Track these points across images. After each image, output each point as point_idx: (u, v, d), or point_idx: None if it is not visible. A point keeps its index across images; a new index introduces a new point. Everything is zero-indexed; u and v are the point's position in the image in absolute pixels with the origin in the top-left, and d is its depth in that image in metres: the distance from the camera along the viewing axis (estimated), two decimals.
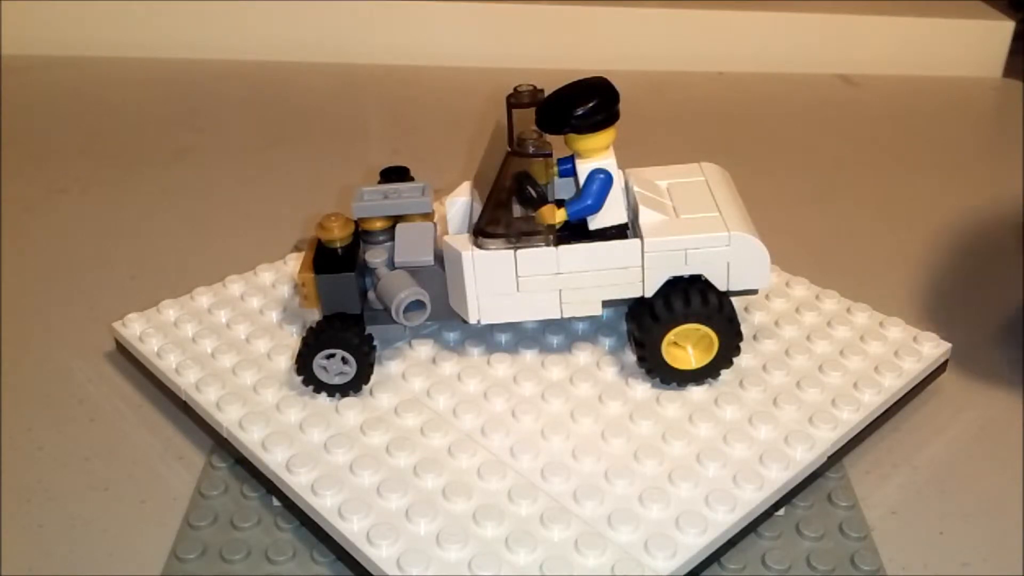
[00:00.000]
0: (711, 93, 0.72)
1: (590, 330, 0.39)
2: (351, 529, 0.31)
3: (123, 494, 0.35)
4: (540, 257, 0.35)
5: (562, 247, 0.35)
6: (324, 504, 0.32)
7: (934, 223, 0.53)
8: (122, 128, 0.64)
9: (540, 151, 0.35)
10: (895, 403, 0.37)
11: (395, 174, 0.39)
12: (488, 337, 0.39)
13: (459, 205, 0.38)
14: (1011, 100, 0.70)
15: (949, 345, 0.39)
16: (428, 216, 0.38)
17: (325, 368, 0.36)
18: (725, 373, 0.37)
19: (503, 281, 0.35)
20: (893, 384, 0.37)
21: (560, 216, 0.35)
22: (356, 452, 0.34)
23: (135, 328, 0.40)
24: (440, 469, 0.33)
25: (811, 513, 0.34)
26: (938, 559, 0.33)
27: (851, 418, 0.35)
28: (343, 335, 0.35)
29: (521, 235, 0.35)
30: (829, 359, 0.38)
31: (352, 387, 0.36)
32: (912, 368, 0.38)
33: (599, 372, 0.37)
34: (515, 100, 0.36)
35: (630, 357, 0.38)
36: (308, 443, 0.34)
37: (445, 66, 0.73)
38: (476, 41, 0.73)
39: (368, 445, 0.34)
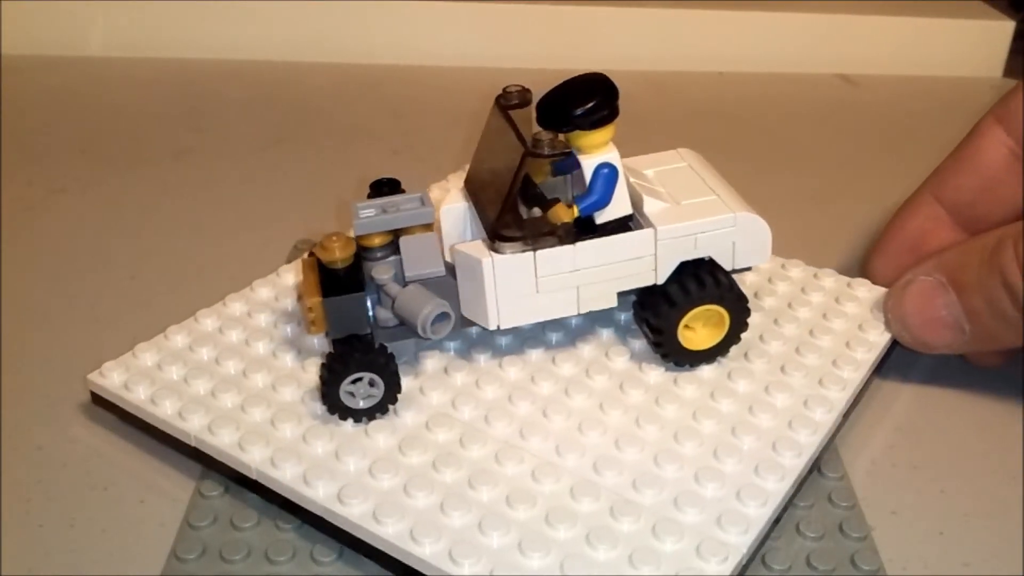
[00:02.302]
0: (711, 93, 0.72)
1: (585, 322, 0.40)
2: (424, 552, 0.30)
3: (123, 494, 0.35)
4: (559, 256, 0.35)
5: (579, 244, 0.35)
6: (387, 531, 0.31)
7: None
8: (122, 128, 0.64)
9: (556, 151, 0.34)
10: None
11: (385, 186, 0.38)
12: (490, 341, 0.39)
13: (456, 212, 0.38)
14: None
15: None
16: (427, 226, 0.37)
17: (352, 393, 0.34)
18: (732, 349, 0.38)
19: (523, 284, 0.35)
20: (880, 340, 0.40)
21: (572, 213, 0.35)
22: (404, 475, 0.33)
23: (115, 378, 0.37)
24: (494, 480, 0.32)
25: (811, 513, 0.34)
26: (938, 559, 0.33)
27: (853, 377, 0.37)
28: (369, 357, 0.34)
29: (537, 236, 0.35)
30: (819, 326, 0.40)
31: (379, 409, 0.35)
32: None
33: (609, 363, 0.38)
34: (505, 101, 0.36)
35: (633, 344, 0.38)
36: (350, 473, 0.33)
37: (445, 66, 0.73)
38: (476, 41, 0.73)
39: (413, 466, 0.33)
